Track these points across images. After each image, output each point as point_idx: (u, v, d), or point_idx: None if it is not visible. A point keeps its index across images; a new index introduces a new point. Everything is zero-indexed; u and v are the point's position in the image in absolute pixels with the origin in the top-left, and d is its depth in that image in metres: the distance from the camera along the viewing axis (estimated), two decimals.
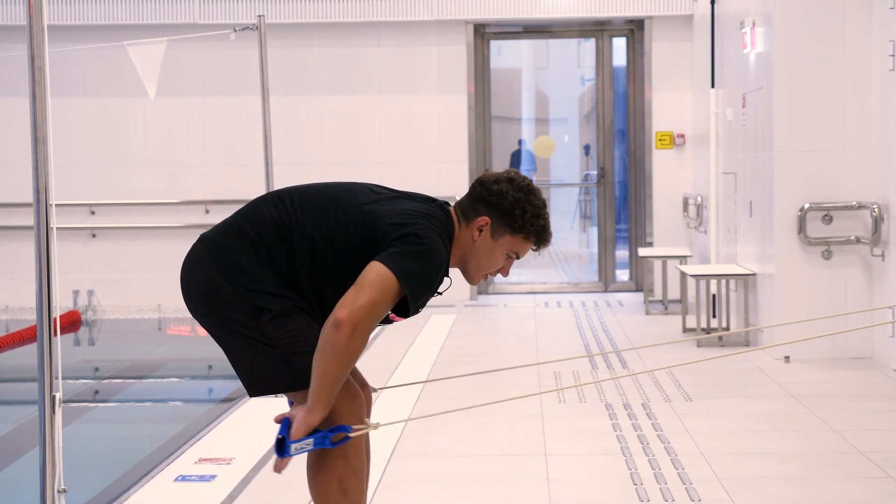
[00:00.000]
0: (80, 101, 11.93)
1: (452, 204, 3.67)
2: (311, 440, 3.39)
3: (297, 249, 3.49)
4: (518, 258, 3.65)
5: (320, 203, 3.54)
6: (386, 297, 3.35)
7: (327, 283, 3.49)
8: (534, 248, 3.64)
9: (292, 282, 3.48)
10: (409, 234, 3.40)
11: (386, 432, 5.94)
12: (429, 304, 3.63)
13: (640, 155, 12.18)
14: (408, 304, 3.47)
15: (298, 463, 3.74)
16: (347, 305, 3.31)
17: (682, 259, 10.72)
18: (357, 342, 3.32)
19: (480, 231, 3.58)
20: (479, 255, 3.61)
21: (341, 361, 3.32)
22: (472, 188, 3.64)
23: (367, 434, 3.75)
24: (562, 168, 18.30)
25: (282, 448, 3.39)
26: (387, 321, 3.61)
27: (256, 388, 3.55)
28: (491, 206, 3.58)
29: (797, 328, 8.07)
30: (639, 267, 12.15)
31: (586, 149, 16.33)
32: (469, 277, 3.68)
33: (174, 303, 10.53)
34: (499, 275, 3.69)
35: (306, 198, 3.57)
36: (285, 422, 3.41)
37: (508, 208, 3.56)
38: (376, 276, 3.33)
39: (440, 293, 3.67)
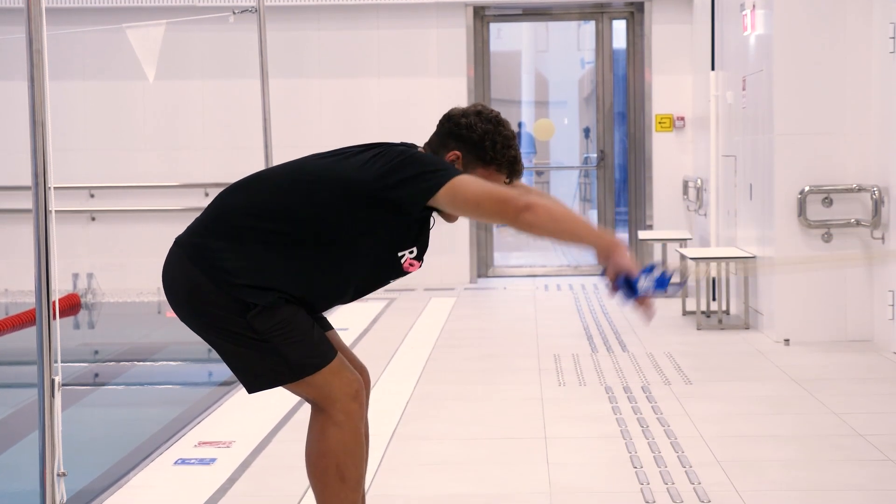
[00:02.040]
0: (79, 84, 11.91)
1: (421, 145, 3.65)
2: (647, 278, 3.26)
3: (271, 233, 3.44)
4: None
5: (283, 181, 3.50)
6: (480, 185, 3.35)
7: (308, 255, 3.45)
8: (507, 179, 3.61)
9: (274, 268, 3.43)
10: (393, 169, 3.38)
11: (385, 415, 5.95)
12: (428, 287, 3.62)
13: (639, 138, 12.16)
14: (425, 243, 3.51)
15: (299, 446, 3.73)
16: (502, 205, 3.29)
17: (682, 242, 10.71)
18: (537, 210, 3.29)
19: None
20: None
21: (560, 219, 3.31)
22: (441, 124, 3.62)
23: (366, 419, 3.74)
24: (561, 151, 18.28)
25: (630, 289, 3.29)
26: (403, 273, 3.57)
27: (255, 384, 3.52)
28: (461, 140, 3.57)
29: (797, 312, 8.07)
30: (639, 250, 12.14)
31: (586, 131, 16.32)
32: (446, 216, 3.63)
33: None
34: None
35: (271, 179, 3.53)
36: (621, 280, 3.31)
37: (478, 140, 3.55)
38: (461, 191, 3.32)
39: (430, 227, 3.62)
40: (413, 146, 3.59)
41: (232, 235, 3.45)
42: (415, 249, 3.51)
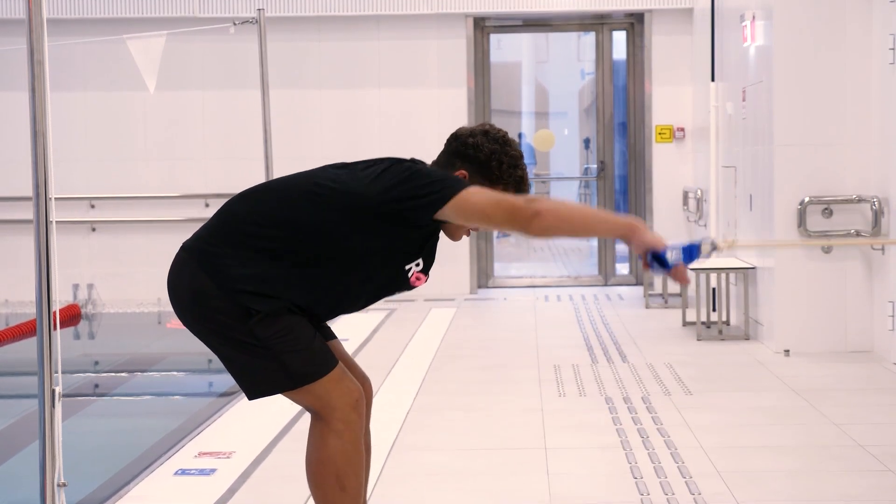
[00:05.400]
0: (80, 95, 11.93)
1: (429, 163, 3.66)
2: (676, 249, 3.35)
3: (278, 244, 3.46)
4: None
5: (292, 192, 3.51)
6: (488, 196, 3.37)
7: (315, 266, 3.46)
8: None
9: (279, 278, 3.45)
10: (402, 182, 3.40)
11: (385, 426, 5.95)
12: (428, 297, 3.63)
13: (639, 148, 12.17)
14: (431, 257, 3.54)
15: (299, 457, 3.73)
16: (511, 216, 3.31)
17: None
18: (546, 215, 3.32)
19: None
20: None
21: (569, 218, 3.35)
22: (448, 143, 3.64)
23: (367, 427, 3.75)
24: (562, 162, 18.31)
25: (661, 263, 3.38)
26: (409, 286, 3.59)
27: (254, 391, 3.54)
28: (467, 160, 3.58)
29: (797, 322, 8.07)
30: (639, 260, 12.13)
31: (586, 142, 16.33)
32: (450, 234, 3.65)
33: None
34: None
35: (279, 189, 3.54)
36: (650, 256, 3.38)
37: (485, 160, 3.57)
38: (469, 202, 3.34)
39: (436, 240, 3.63)
40: (421, 163, 3.61)
41: (238, 243, 3.47)
42: (421, 262, 3.53)
